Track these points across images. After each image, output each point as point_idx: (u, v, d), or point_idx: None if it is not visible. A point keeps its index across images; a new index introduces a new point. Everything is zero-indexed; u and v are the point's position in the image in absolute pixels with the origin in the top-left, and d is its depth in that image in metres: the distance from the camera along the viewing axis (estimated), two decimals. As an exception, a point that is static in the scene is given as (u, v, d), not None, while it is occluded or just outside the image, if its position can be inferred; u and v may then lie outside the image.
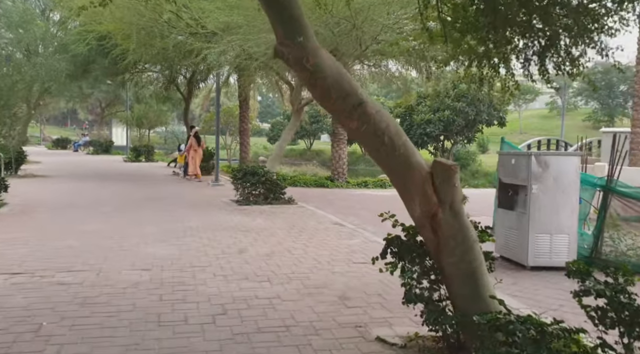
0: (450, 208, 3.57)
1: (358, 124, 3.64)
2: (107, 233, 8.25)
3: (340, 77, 3.62)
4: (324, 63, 3.58)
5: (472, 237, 3.62)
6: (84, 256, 6.63)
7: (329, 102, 3.64)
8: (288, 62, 3.64)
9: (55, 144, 45.50)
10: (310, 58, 3.55)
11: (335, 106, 3.64)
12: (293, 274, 5.98)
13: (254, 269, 6.14)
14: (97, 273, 5.84)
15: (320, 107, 27.10)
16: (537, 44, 6.04)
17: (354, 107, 3.61)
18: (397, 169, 3.67)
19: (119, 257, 6.60)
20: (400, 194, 3.77)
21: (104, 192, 14.16)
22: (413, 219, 3.76)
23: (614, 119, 51.20)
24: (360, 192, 16.49)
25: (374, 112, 3.63)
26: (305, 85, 3.75)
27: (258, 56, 10.82)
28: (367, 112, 3.61)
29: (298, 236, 8.40)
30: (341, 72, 3.65)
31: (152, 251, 7.04)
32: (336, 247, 7.57)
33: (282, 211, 11.10)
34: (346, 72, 3.70)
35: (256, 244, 7.69)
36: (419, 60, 12.58)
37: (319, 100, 3.72)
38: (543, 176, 6.34)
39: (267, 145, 54.42)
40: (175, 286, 5.39)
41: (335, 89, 3.59)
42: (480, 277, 3.61)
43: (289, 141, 14.44)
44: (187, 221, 9.62)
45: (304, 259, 6.77)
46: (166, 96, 25.17)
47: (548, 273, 6.39)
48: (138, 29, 12.76)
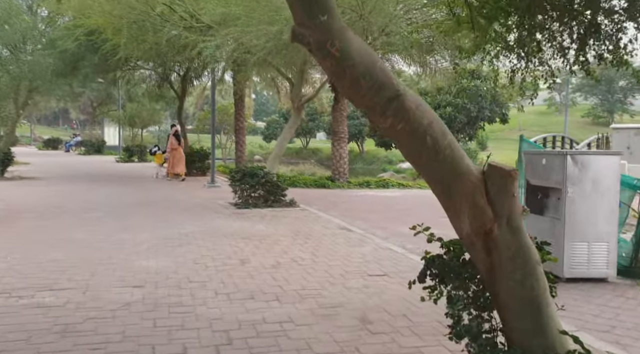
0: (508, 223, 2.93)
1: (393, 122, 2.98)
2: (96, 242, 7.57)
3: (372, 65, 2.96)
4: (352, 47, 2.93)
5: (533, 258, 2.98)
6: (70, 270, 5.95)
7: (358, 95, 2.99)
8: (309, 47, 2.97)
9: (46, 145, 44.57)
10: (337, 41, 2.89)
11: (365, 100, 2.99)
12: (304, 290, 5.33)
13: (260, 285, 5.49)
14: (83, 292, 5.17)
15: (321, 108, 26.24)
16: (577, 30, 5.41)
17: (389, 100, 2.95)
18: (440, 175, 3.01)
19: (108, 272, 5.93)
20: (444, 205, 3.12)
21: (95, 196, 13.44)
22: (460, 236, 3.12)
23: (614, 115, 50.81)
24: (363, 193, 15.84)
25: (414, 107, 2.98)
26: (330, 74, 3.05)
27: (257, 50, 10.14)
28: (405, 107, 2.96)
29: (304, 243, 7.75)
30: (373, 59, 2.99)
31: (145, 263, 6.37)
32: (347, 256, 6.92)
33: (284, 215, 10.44)
34: (380, 59, 3.05)
35: (259, 253, 7.04)
36: (432, 53, 11.94)
37: (346, 93, 3.06)
38: (579, 177, 5.71)
39: (262, 144, 53.72)
40: (171, 307, 4.73)
41: (367, 79, 2.94)
42: (543, 306, 2.98)
43: (289, 139, 13.77)
44: (183, 227, 8.95)
45: (313, 271, 6.13)
46: (159, 94, 24.38)
47: (586, 285, 5.78)
48: (129, 23, 12.02)
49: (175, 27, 11.70)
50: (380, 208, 12.28)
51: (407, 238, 8.43)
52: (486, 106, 25.43)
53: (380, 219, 10.47)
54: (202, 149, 20.74)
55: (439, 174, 3.02)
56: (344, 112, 18.14)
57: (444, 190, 3.06)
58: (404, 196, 15.40)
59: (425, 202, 13.56)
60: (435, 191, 3.14)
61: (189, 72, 20.44)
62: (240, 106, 22.77)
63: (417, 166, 3.12)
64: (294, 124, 13.07)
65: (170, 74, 21.49)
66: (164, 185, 16.58)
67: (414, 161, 3.12)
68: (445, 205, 3.12)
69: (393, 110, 2.97)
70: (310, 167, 29.42)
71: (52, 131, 62.33)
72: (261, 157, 48.33)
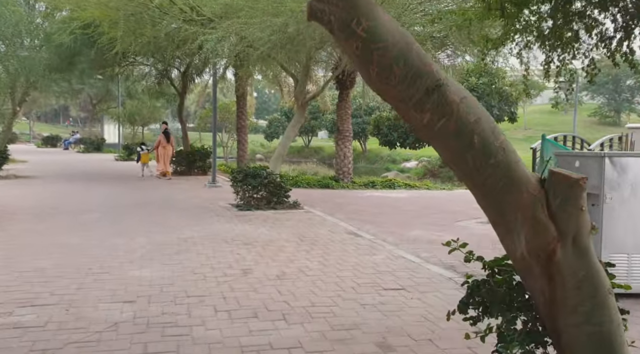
0: (575, 243, 2.38)
1: (432, 118, 2.44)
2: (88, 248, 7.03)
3: (407, 48, 2.41)
4: (382, 26, 2.38)
5: (604, 286, 2.43)
6: (55, 282, 5.41)
7: (388, 84, 2.43)
8: (329, 27, 2.42)
9: (45, 142, 44.01)
10: (363, 19, 2.35)
11: (398, 91, 2.44)
12: (313, 307, 4.78)
13: (264, 300, 4.94)
14: (67, 308, 4.63)
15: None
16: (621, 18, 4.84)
17: (428, 92, 2.41)
18: (490, 184, 2.46)
19: (97, 284, 5.39)
20: (493, 220, 2.57)
21: (91, 196, 12.91)
22: (512, 258, 2.57)
23: (621, 114, 50.10)
24: (369, 194, 15.28)
25: (458, 100, 2.43)
26: (353, 60, 2.48)
27: (260, 44, 9.58)
28: (448, 99, 2.41)
29: (310, 250, 7.20)
30: (408, 40, 2.44)
31: (139, 273, 5.83)
32: (358, 265, 6.38)
33: (287, 218, 9.90)
34: (415, 42, 2.50)
35: (262, 261, 6.49)
36: (444, 48, 11.37)
37: (373, 82, 2.50)
38: (619, 182, 5.16)
39: (264, 142, 53.23)
40: (165, 328, 4.18)
41: (400, 65, 2.39)
42: (617, 346, 2.43)
43: (292, 138, 13.21)
44: (181, 230, 8.41)
45: (322, 283, 5.58)
46: (159, 91, 23.83)
47: (627, 301, 5.21)
48: (126, 16, 11.47)
49: (174, 20, 11.14)
50: (388, 210, 11.73)
51: (420, 245, 7.91)
52: (494, 105, 24.84)
53: (389, 222, 9.92)
54: (204, 148, 20.19)
55: (488, 183, 2.47)
56: (348, 110, 17.59)
57: (494, 202, 2.50)
58: (411, 197, 14.85)
59: (434, 204, 13.02)
60: (482, 202, 2.59)
61: (189, 69, 19.89)
62: (242, 103, 22.24)
63: (461, 172, 2.57)
64: (297, 123, 12.52)
65: (171, 71, 20.95)
66: (162, 184, 16.04)
67: (457, 166, 2.56)
68: (494, 220, 2.57)
69: (432, 103, 2.42)
70: (313, 167, 28.88)
71: (53, 129, 61.82)
72: (263, 155, 47.85)
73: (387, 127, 28.61)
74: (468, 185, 2.59)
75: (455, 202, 13.70)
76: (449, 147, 2.51)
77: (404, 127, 27.50)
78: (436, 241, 8.18)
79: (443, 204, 13.12)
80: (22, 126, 56.82)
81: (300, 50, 10.85)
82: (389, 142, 28.97)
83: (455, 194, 16.24)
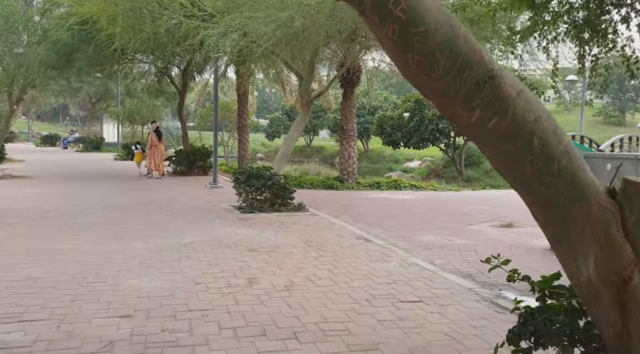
0: (656, 268, 2.00)
1: (483, 116, 2.05)
2: (83, 254, 6.64)
3: (453, 32, 2.03)
4: (424, 7, 1.99)
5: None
6: (46, 294, 5.02)
7: (430, 76, 2.04)
8: (360, 9, 2.03)
9: (44, 141, 43.57)
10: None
11: (442, 84, 2.05)
12: (326, 323, 4.39)
13: (272, 315, 4.55)
14: (58, 324, 4.23)
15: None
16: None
17: (478, 85, 2.02)
18: (552, 195, 2.07)
19: (91, 296, 4.99)
20: (554, 239, 2.18)
21: (88, 197, 12.51)
22: (575, 283, 2.18)
23: (625, 114, 49.66)
24: (376, 195, 14.88)
25: (514, 95, 2.05)
26: (388, 47, 2.06)
27: (264, 40, 9.18)
28: (502, 93, 2.03)
29: (319, 257, 6.81)
30: (454, 24, 2.05)
31: (137, 283, 5.44)
32: (371, 274, 5.98)
33: (293, 221, 9.50)
34: (462, 25, 2.10)
35: (268, 270, 6.10)
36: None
37: (413, 73, 2.11)
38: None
39: (265, 141, 52.83)
40: (165, 349, 3.79)
41: (446, 52, 2.00)
42: None
43: (297, 138, 12.81)
44: (182, 235, 8.02)
45: (334, 295, 5.19)
46: (159, 89, 23.41)
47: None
48: (124, 11, 11.08)
49: (174, 15, 10.73)
50: (396, 213, 11.34)
51: (433, 251, 7.52)
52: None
53: (399, 226, 9.53)
54: (204, 147, 19.79)
55: (549, 194, 2.08)
56: (353, 109, 17.20)
57: (556, 217, 2.11)
58: (418, 198, 14.46)
59: (442, 206, 12.63)
60: (540, 217, 2.19)
61: (190, 66, 19.48)
62: (243, 102, 21.85)
63: (515, 181, 2.17)
64: (302, 122, 12.13)
65: (171, 69, 20.54)
66: (161, 185, 15.64)
67: (510, 173, 2.17)
68: (555, 238, 2.17)
69: (483, 98, 2.03)
70: (315, 166, 28.45)
71: (52, 127, 61.40)
72: (264, 155, 47.45)
73: (391, 127, 28.19)
74: (523, 196, 2.19)
75: (463, 204, 13.30)
76: (501, 151, 2.12)
77: (408, 127, 27.07)
78: (449, 246, 7.80)
79: (451, 206, 12.72)
80: (21, 125, 56.44)
81: (305, 46, 10.46)
82: (392, 142, 28.54)
83: (462, 196, 15.85)
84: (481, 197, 15.22)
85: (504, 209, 12.12)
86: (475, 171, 27.24)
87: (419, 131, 26.28)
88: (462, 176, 26.58)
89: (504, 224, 9.60)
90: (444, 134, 25.91)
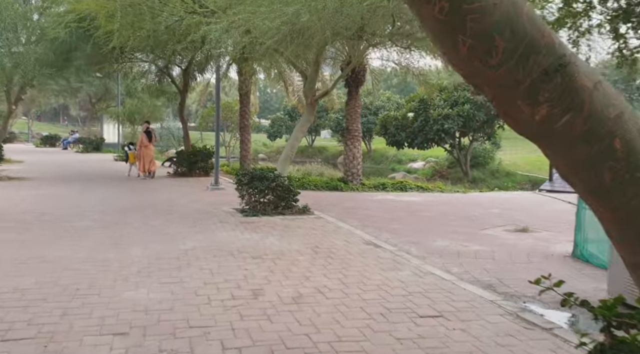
0: None
1: (551, 111, 1.65)
2: (78, 262, 6.26)
3: (515, 10, 1.63)
4: (480, -22, 1.60)
5: None
6: (35, 307, 4.64)
7: (486, 63, 1.65)
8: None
9: (44, 141, 43.19)
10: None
11: (500, 73, 1.65)
12: (339, 342, 4.00)
13: (280, 332, 4.16)
14: (45, 344, 3.85)
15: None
16: None
17: (546, 73, 1.62)
18: (635, 208, 1.68)
19: (84, 310, 4.61)
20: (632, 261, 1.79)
21: (86, 199, 12.13)
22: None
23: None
24: (382, 197, 14.48)
25: (591, 86, 1.65)
26: (433, 29, 1.63)
27: (269, 36, 8.80)
28: (576, 85, 1.63)
29: (327, 264, 6.42)
30: (516, 1, 1.66)
31: (133, 295, 5.05)
32: (384, 284, 5.59)
33: (297, 225, 9.11)
34: (526, 1, 1.71)
35: (274, 279, 5.71)
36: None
37: (464, 60, 1.71)
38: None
39: (266, 142, 52.47)
40: (162, 374, 3.41)
41: (506, 34, 1.61)
42: None
43: (301, 139, 12.42)
44: (182, 240, 7.64)
45: (346, 308, 4.80)
46: (160, 89, 23.02)
47: None
48: (123, 7, 10.69)
49: (175, 12, 10.35)
50: (404, 216, 10.95)
51: (448, 258, 7.13)
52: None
53: (408, 230, 9.14)
54: (205, 148, 19.41)
55: (632, 207, 1.69)
56: (357, 109, 16.83)
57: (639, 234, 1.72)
58: (425, 201, 14.06)
59: (451, 209, 12.23)
60: (616, 234, 1.79)
61: (191, 66, 19.10)
62: (245, 102, 21.46)
63: (589, 190, 1.78)
64: (306, 122, 11.74)
65: (171, 68, 20.16)
66: (162, 186, 15.26)
67: (582, 180, 1.77)
68: (634, 261, 1.79)
69: (552, 91, 1.63)
70: (317, 167, 28.04)
71: (52, 128, 61.06)
72: (265, 155, 47.10)
73: (395, 127, 27.78)
74: (597, 208, 1.80)
75: (472, 206, 12.91)
76: (572, 155, 1.72)
77: (412, 127, 26.66)
78: (465, 253, 7.41)
79: (460, 209, 12.32)
80: (21, 125, 56.13)
81: (310, 44, 10.06)
82: (396, 142, 28.14)
83: (471, 198, 15.44)
84: (490, 200, 14.82)
85: (515, 212, 11.73)
86: (481, 172, 26.84)
87: (424, 131, 25.88)
88: (467, 177, 26.18)
89: (519, 229, 9.20)
90: (450, 134, 25.50)
